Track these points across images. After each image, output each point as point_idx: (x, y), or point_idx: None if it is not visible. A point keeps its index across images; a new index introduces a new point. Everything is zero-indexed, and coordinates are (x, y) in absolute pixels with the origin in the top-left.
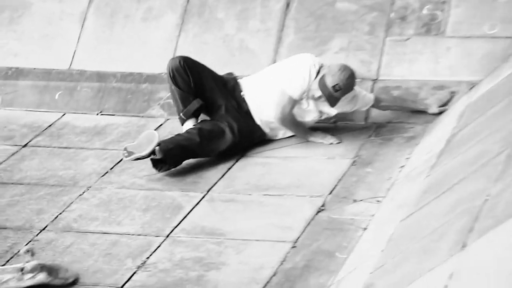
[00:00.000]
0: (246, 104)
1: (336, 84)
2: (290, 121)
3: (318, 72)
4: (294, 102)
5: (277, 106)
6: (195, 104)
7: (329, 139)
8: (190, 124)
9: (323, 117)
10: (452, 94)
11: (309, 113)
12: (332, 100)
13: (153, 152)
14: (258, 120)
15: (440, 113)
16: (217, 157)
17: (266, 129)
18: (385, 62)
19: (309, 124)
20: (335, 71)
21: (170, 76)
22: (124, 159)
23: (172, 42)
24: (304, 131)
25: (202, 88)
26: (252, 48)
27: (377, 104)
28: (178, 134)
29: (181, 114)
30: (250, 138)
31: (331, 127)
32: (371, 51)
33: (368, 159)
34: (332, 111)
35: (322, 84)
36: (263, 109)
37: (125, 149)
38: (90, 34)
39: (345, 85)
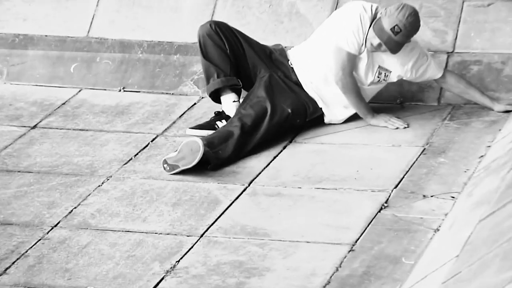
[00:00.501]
0: (295, 74)
1: (395, 25)
2: (352, 86)
3: (374, 18)
4: (354, 58)
5: (335, 67)
6: (218, 83)
7: (395, 122)
8: (228, 100)
9: (382, 78)
10: None
11: (367, 73)
12: (393, 46)
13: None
14: (310, 91)
15: (508, 111)
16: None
17: (320, 103)
18: (463, 31)
19: (368, 93)
20: (392, 11)
21: (200, 45)
22: (168, 173)
23: (209, 6)
24: (366, 108)
25: (240, 54)
26: (304, 14)
27: (441, 80)
28: (218, 131)
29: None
30: (302, 115)
31: (397, 108)
32: (446, 18)
33: (441, 147)
34: (394, 69)
35: (378, 29)
36: (316, 76)
37: (165, 161)
38: None
39: (406, 25)
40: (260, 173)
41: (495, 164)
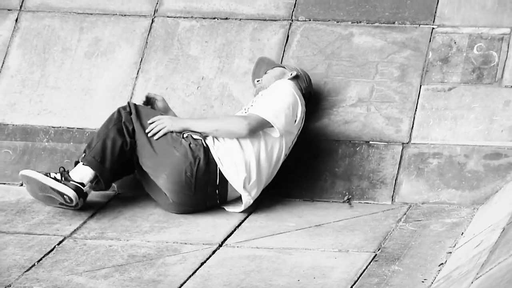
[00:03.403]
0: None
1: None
2: None
3: None
4: None
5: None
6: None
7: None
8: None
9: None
10: None
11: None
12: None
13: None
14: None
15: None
16: (185, 246)
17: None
18: (420, 119)
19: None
20: None
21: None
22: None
23: (127, 87)
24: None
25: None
26: (237, 97)
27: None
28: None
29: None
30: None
31: (344, 207)
32: (401, 104)
33: (395, 253)
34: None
35: None
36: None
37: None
38: (14, 75)
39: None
40: (184, 282)
41: (457, 273)
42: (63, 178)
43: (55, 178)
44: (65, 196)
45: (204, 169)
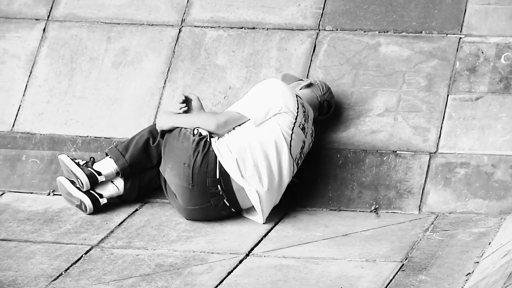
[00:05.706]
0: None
1: None
2: None
3: None
4: None
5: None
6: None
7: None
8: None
9: None
10: None
11: None
12: None
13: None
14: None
15: None
16: (212, 255)
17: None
18: (448, 129)
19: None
20: None
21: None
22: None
23: (155, 96)
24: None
25: None
26: None
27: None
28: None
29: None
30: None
31: (371, 217)
32: (428, 113)
33: (423, 263)
34: None
35: None
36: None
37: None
38: (41, 84)
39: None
40: None
41: (484, 283)
42: (84, 165)
43: (78, 164)
44: (79, 180)
45: (201, 159)
